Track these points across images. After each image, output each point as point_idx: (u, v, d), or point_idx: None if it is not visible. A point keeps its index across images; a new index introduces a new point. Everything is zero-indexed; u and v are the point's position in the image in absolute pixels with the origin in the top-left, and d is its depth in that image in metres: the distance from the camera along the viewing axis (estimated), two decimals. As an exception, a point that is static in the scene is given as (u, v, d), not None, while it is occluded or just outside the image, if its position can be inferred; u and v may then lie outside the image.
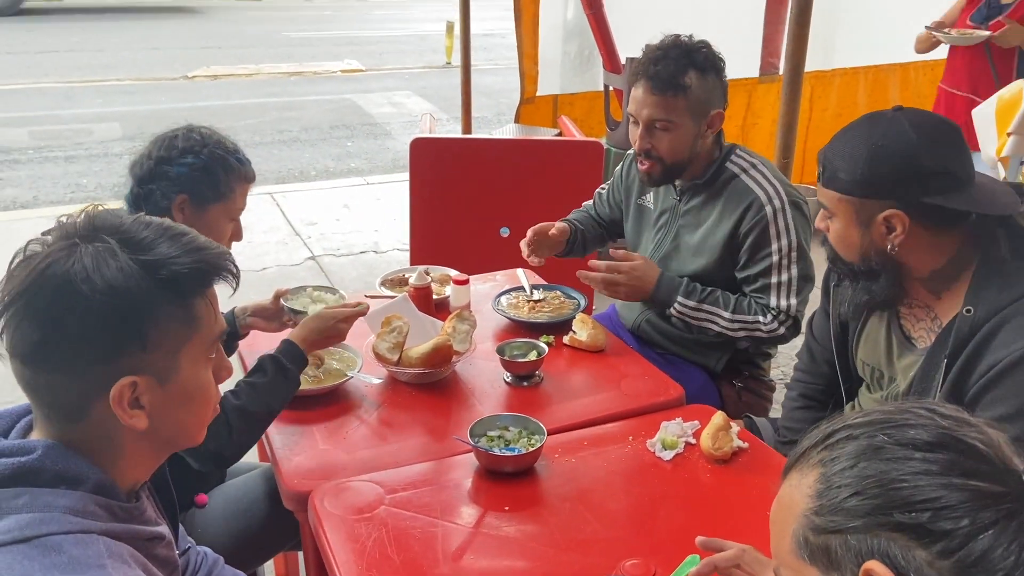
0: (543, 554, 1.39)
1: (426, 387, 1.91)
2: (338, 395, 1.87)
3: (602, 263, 2.07)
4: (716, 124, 2.07)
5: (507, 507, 1.51)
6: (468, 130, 5.13)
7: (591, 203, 2.55)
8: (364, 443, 1.71)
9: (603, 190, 2.51)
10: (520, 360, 1.94)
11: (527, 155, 3.52)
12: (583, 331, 2.08)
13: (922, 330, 1.56)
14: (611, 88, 4.34)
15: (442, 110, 8.56)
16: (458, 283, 2.21)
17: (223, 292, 1.02)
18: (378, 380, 1.90)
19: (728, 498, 1.54)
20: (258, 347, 2.00)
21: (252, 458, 2.01)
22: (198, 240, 0.97)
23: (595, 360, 2.04)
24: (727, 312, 2.03)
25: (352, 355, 1.98)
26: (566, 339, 2.10)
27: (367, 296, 2.31)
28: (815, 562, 0.77)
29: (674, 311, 2.07)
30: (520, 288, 2.35)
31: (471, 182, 3.44)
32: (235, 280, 1.01)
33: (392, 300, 2.06)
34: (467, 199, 3.45)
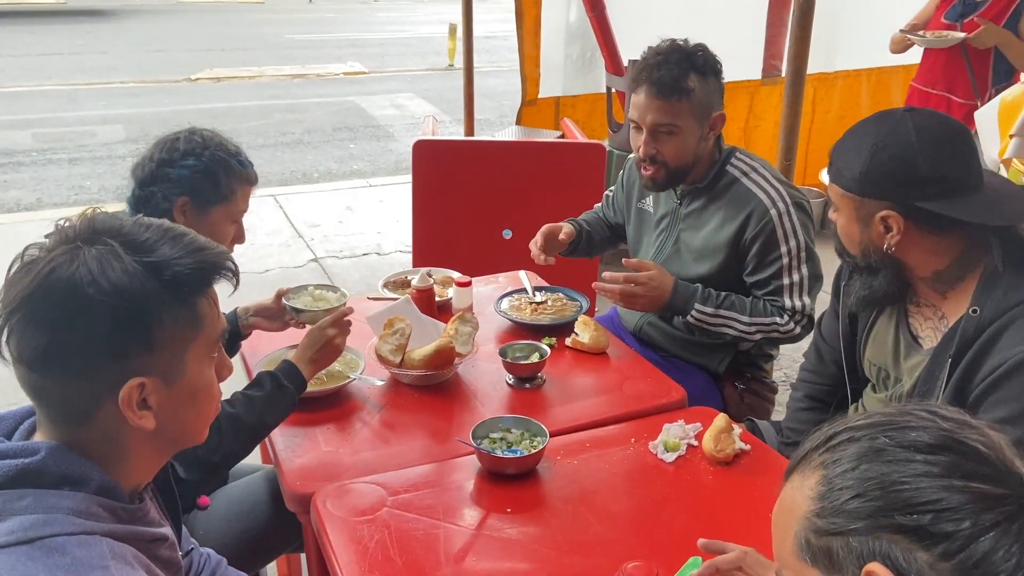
0: (545, 556, 1.39)
1: (428, 389, 1.91)
2: (341, 397, 1.87)
3: (619, 274, 2.03)
4: (718, 126, 2.07)
5: (509, 509, 1.51)
6: (471, 132, 5.13)
7: (600, 205, 2.55)
8: (366, 445, 1.71)
9: (610, 193, 2.51)
10: (522, 362, 1.94)
11: (529, 157, 3.51)
12: (585, 333, 2.08)
13: (929, 330, 1.56)
14: (613, 90, 4.35)
15: (445, 112, 8.58)
16: (460, 285, 2.21)
17: (224, 292, 1.03)
18: (380, 382, 1.90)
19: (730, 500, 1.54)
20: (261, 348, 2.01)
21: (255, 460, 2.02)
22: (198, 240, 0.98)
23: (597, 362, 2.04)
24: (745, 316, 2.02)
25: (354, 357, 1.98)
26: (568, 341, 2.10)
27: (369, 298, 2.32)
28: (817, 564, 0.77)
29: (691, 318, 2.04)
30: (522, 290, 2.35)
31: (473, 184, 3.45)
32: (235, 278, 1.02)
33: (394, 302, 2.06)
34: (469, 201, 3.45)
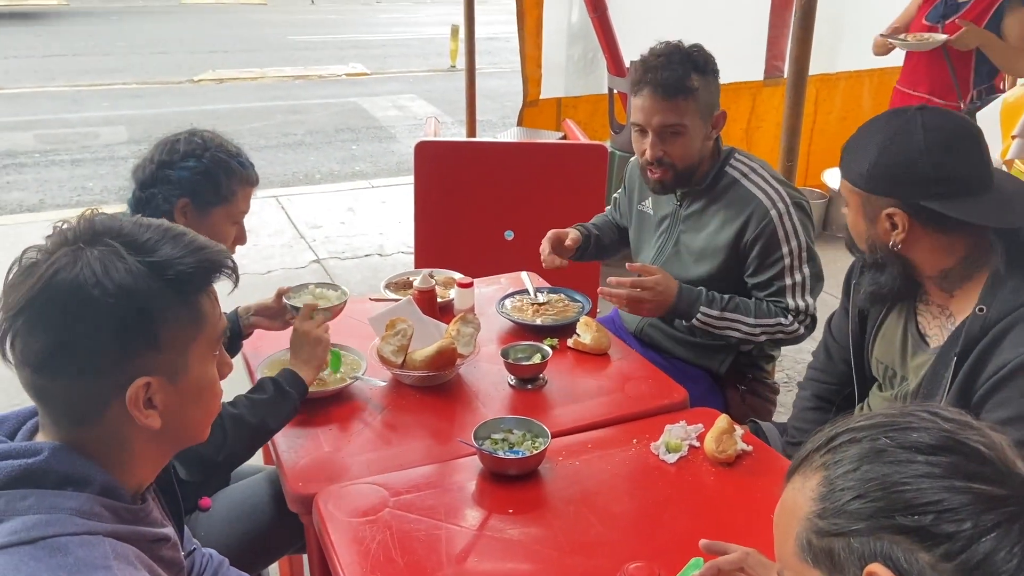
0: (547, 557, 1.39)
1: (430, 390, 1.91)
2: (342, 398, 1.87)
3: (626, 279, 2.01)
4: (720, 124, 2.07)
5: (511, 510, 1.51)
6: (472, 133, 5.13)
7: (611, 207, 2.55)
8: (368, 446, 1.71)
9: (618, 195, 2.50)
10: (524, 363, 1.94)
11: (531, 158, 3.52)
12: (587, 334, 2.08)
13: (936, 328, 1.56)
14: (615, 91, 4.35)
15: (447, 113, 8.59)
16: (462, 286, 2.21)
17: (223, 291, 1.04)
18: (382, 383, 1.90)
19: (732, 501, 1.54)
20: (264, 349, 2.01)
21: (257, 461, 2.02)
22: (198, 239, 0.99)
23: (599, 363, 2.04)
24: (750, 318, 2.02)
25: (356, 358, 1.98)
26: (570, 342, 2.10)
27: (371, 299, 2.32)
28: (818, 565, 0.77)
29: (696, 322, 2.03)
30: (524, 291, 2.35)
31: (475, 185, 3.45)
32: (235, 276, 1.03)
33: (396, 303, 2.06)
34: (471, 202, 3.45)
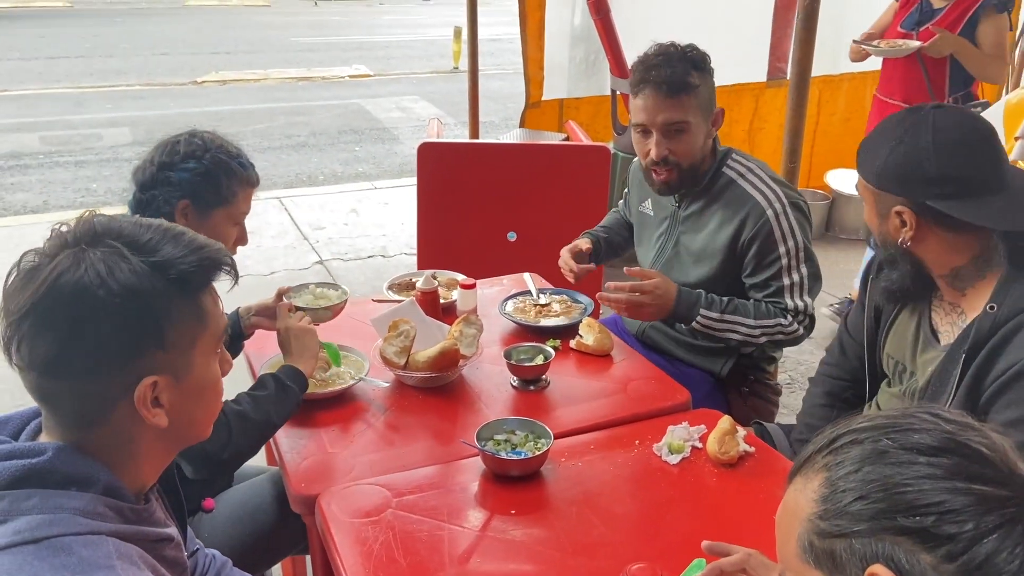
0: (549, 558, 1.39)
1: (433, 391, 1.91)
2: (345, 399, 1.87)
3: (625, 284, 2.00)
4: (719, 122, 2.08)
5: (513, 511, 1.51)
6: (475, 134, 5.14)
7: (621, 203, 2.55)
8: (371, 447, 1.71)
9: (627, 192, 2.51)
10: (527, 364, 1.94)
11: (534, 159, 3.52)
12: (590, 335, 2.08)
13: (948, 326, 1.56)
14: (618, 92, 4.35)
15: (449, 115, 8.59)
16: (465, 287, 2.21)
17: (223, 289, 1.05)
18: (385, 384, 1.91)
19: (734, 502, 1.54)
20: (264, 349, 2.01)
21: (259, 462, 2.02)
22: (197, 239, 0.99)
23: (601, 364, 2.04)
24: (750, 319, 2.01)
25: (359, 359, 1.98)
26: (573, 343, 2.10)
27: (374, 300, 2.33)
28: (820, 566, 0.78)
29: (697, 324, 2.02)
30: (527, 292, 2.36)
31: (478, 186, 3.45)
32: (234, 274, 1.04)
33: (399, 304, 2.07)
34: (474, 203, 3.45)
